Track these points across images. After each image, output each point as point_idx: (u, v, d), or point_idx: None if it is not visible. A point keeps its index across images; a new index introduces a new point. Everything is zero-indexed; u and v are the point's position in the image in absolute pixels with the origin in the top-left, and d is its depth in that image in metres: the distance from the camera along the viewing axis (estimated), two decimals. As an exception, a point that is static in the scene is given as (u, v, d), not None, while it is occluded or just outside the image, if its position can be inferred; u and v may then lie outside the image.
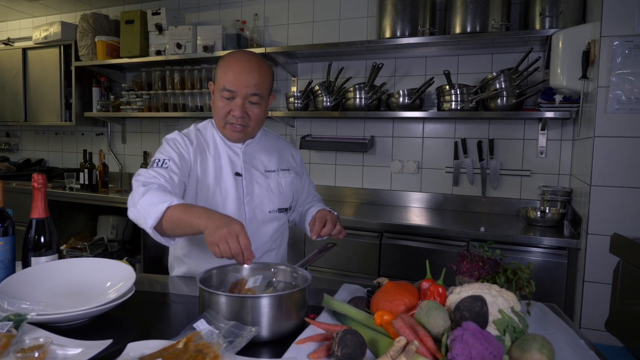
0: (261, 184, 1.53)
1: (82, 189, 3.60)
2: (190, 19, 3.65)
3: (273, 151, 1.61)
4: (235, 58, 1.42)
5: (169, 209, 1.20)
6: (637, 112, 1.89)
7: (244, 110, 1.41)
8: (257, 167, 1.54)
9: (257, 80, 1.39)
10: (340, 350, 0.85)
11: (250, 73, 1.39)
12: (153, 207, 1.21)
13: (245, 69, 1.39)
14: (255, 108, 1.43)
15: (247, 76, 1.38)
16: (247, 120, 1.44)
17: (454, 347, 0.78)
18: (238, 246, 1.06)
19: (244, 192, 1.50)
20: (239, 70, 1.38)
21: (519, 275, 1.06)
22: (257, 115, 1.45)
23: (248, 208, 1.50)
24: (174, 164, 1.38)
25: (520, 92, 2.54)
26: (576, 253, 2.13)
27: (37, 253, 1.23)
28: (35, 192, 1.23)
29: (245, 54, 1.44)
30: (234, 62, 1.40)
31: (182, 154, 1.43)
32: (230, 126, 1.44)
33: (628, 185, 1.92)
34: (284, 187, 1.58)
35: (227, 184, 1.48)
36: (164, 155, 1.40)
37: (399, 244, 2.43)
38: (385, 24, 2.77)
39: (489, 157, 2.83)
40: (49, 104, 3.93)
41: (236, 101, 1.40)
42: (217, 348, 0.83)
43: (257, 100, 1.42)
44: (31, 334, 0.93)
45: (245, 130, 1.46)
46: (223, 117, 1.44)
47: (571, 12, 2.41)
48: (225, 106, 1.42)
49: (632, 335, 1.24)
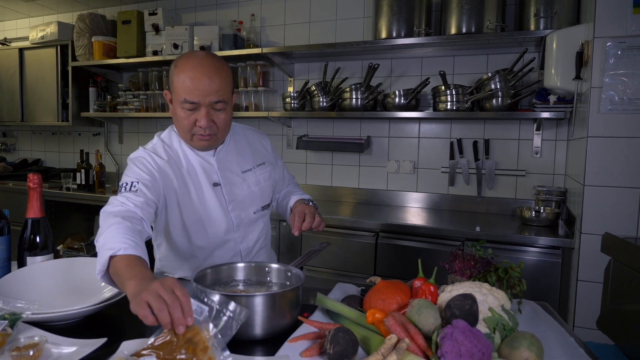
0: (241, 187, 1.48)
1: (79, 189, 3.60)
2: (187, 19, 3.65)
3: (245, 148, 1.54)
4: (191, 64, 1.28)
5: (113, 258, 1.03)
6: (629, 112, 1.90)
7: (210, 119, 1.31)
8: (234, 171, 1.48)
9: (218, 85, 1.28)
10: (332, 348, 0.87)
11: (210, 79, 1.27)
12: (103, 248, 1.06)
13: (204, 76, 1.27)
14: (221, 114, 1.33)
15: (208, 83, 1.27)
16: (215, 128, 1.34)
17: (444, 344, 0.79)
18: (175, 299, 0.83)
19: (226, 200, 1.45)
20: (197, 78, 1.26)
21: (510, 274, 1.07)
22: (224, 120, 1.35)
23: (234, 215, 1.47)
24: (143, 185, 1.28)
25: (515, 93, 2.55)
26: (570, 252, 2.15)
27: (33, 253, 1.24)
28: (30, 192, 1.24)
29: (199, 58, 1.30)
30: (191, 69, 1.27)
31: (152, 172, 1.33)
32: (199, 137, 1.35)
33: (621, 185, 1.93)
34: (263, 184, 1.54)
35: (207, 196, 1.42)
36: (131, 177, 1.30)
37: (395, 243, 2.44)
38: (381, 24, 2.78)
39: (484, 157, 2.84)
40: (45, 104, 3.93)
41: (200, 111, 1.30)
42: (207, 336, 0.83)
43: (222, 106, 1.32)
44: (26, 333, 0.94)
45: (214, 138, 1.37)
46: (189, 130, 1.33)
47: (565, 13, 2.43)
48: (189, 117, 1.31)
49: (623, 334, 1.25)
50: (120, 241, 1.05)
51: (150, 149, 1.41)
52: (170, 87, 1.35)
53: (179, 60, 1.32)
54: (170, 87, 1.35)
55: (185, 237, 1.46)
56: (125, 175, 1.33)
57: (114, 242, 1.05)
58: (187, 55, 1.32)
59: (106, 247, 1.05)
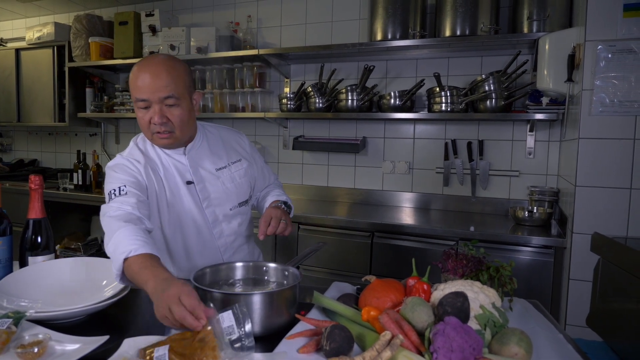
0: (215, 184, 1.51)
1: (76, 189, 3.61)
2: (183, 20, 3.67)
3: (219, 147, 1.57)
4: (139, 65, 1.35)
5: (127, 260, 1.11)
6: (620, 114, 1.94)
7: (163, 115, 1.34)
8: (207, 168, 1.51)
9: (166, 81, 1.32)
10: (328, 344, 0.89)
11: (157, 76, 1.32)
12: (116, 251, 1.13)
13: (153, 73, 1.32)
14: (174, 110, 1.36)
15: (155, 80, 1.31)
16: (171, 125, 1.37)
17: (436, 340, 0.82)
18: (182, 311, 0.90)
19: (200, 198, 1.48)
20: (145, 76, 1.32)
21: (501, 272, 1.10)
22: (179, 116, 1.37)
23: (209, 212, 1.49)
24: (131, 187, 1.33)
25: (509, 94, 2.59)
26: (562, 252, 2.18)
27: (34, 253, 1.26)
28: (32, 193, 1.26)
29: (149, 59, 1.37)
30: (139, 70, 1.34)
31: (135, 176, 1.38)
32: (157, 135, 1.38)
33: (612, 186, 1.97)
34: (238, 181, 1.56)
35: (182, 195, 1.46)
36: (116, 183, 1.34)
37: (390, 243, 2.47)
38: (377, 26, 2.82)
39: (478, 157, 2.88)
40: (42, 105, 3.93)
41: (153, 108, 1.34)
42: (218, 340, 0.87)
43: (174, 102, 1.34)
44: (30, 331, 0.96)
45: (173, 135, 1.39)
46: (147, 128, 1.38)
47: (558, 16, 2.46)
48: (145, 116, 1.35)
49: (611, 331, 1.29)
50: (129, 243, 1.12)
51: (127, 155, 1.45)
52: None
53: (136, 64, 1.38)
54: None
55: (164, 236, 1.50)
56: (109, 183, 1.36)
57: (124, 246, 1.12)
58: (142, 59, 1.39)
59: (118, 251, 1.11)
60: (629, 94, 1.93)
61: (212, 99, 3.38)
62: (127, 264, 1.10)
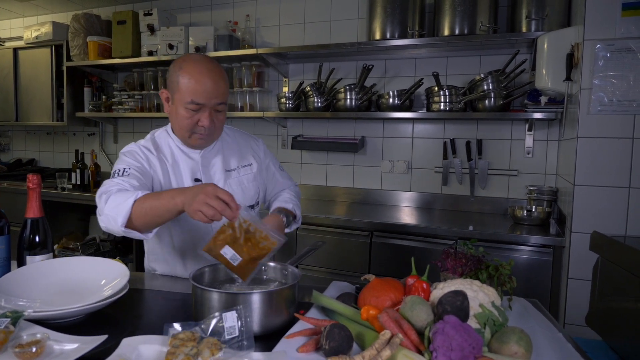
0: (221, 186, 1.50)
1: (74, 189, 3.60)
2: (182, 19, 3.66)
3: (232, 150, 1.59)
4: (199, 68, 1.35)
5: (136, 202, 1.20)
6: (618, 113, 1.94)
7: (212, 120, 1.39)
8: (217, 169, 1.53)
9: (223, 89, 1.38)
10: (328, 343, 0.89)
11: (217, 83, 1.36)
12: (119, 207, 1.20)
13: (213, 79, 1.35)
14: (220, 115, 1.42)
15: (215, 87, 1.35)
16: (213, 128, 1.42)
17: (436, 339, 0.82)
18: (221, 203, 1.07)
19: None
20: (206, 81, 1.34)
21: (500, 271, 1.10)
22: (222, 121, 1.45)
23: None
24: (136, 171, 1.37)
25: (508, 94, 2.59)
26: (561, 251, 2.18)
27: (32, 252, 1.25)
28: (30, 192, 1.25)
29: (207, 62, 1.38)
30: (199, 73, 1.34)
31: (142, 163, 1.42)
32: (198, 136, 1.42)
33: (610, 185, 1.97)
34: (246, 185, 1.57)
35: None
36: (123, 165, 1.39)
37: (389, 242, 2.47)
38: (375, 25, 2.81)
39: (477, 157, 2.88)
40: (40, 104, 3.92)
41: (204, 112, 1.37)
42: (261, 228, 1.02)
43: (223, 107, 1.41)
44: (28, 330, 0.96)
45: (211, 137, 1.46)
46: (189, 129, 1.40)
47: (556, 16, 2.46)
48: (192, 117, 1.37)
49: (610, 330, 1.29)
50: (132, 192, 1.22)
51: (142, 144, 1.49)
52: (172, 87, 1.40)
53: (185, 63, 1.37)
54: (172, 87, 1.40)
55: (167, 231, 1.50)
56: (116, 165, 1.41)
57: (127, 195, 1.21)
58: (192, 58, 1.38)
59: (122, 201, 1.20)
60: (627, 93, 1.93)
61: (210, 99, 3.37)
62: (137, 204, 1.18)
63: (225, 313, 0.91)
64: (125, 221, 1.20)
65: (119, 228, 1.21)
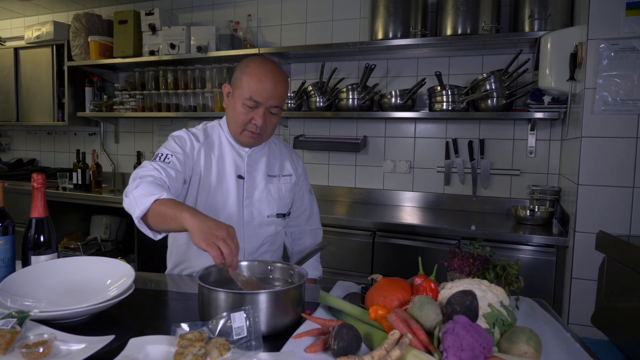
0: (262, 188, 1.56)
1: (75, 188, 3.59)
2: (183, 19, 3.66)
3: (276, 157, 1.64)
4: (262, 69, 1.42)
5: (156, 201, 1.20)
6: (622, 113, 1.94)
7: (265, 120, 1.44)
8: (260, 171, 1.57)
9: (281, 92, 1.44)
10: (336, 343, 0.89)
11: (277, 86, 1.42)
12: (142, 199, 1.22)
13: (274, 81, 1.41)
14: (274, 118, 1.47)
15: (274, 88, 1.41)
16: (265, 128, 1.46)
17: (446, 339, 0.82)
18: (228, 249, 1.05)
19: (244, 195, 1.52)
20: (267, 81, 1.40)
21: (508, 271, 1.10)
22: (274, 124, 1.50)
23: (247, 211, 1.53)
24: (177, 159, 1.41)
25: (510, 93, 2.59)
26: (564, 251, 2.18)
27: (37, 252, 1.25)
28: (34, 191, 1.25)
29: (272, 65, 1.45)
30: (262, 74, 1.41)
31: (186, 151, 1.46)
32: (249, 133, 1.46)
33: (614, 184, 1.97)
34: (283, 193, 1.61)
35: (229, 185, 1.51)
36: (167, 150, 1.43)
37: (392, 242, 2.47)
38: (378, 25, 2.81)
39: (479, 156, 2.88)
40: (41, 104, 3.92)
41: (259, 111, 1.42)
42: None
43: (277, 111, 1.46)
44: (34, 330, 0.95)
45: (262, 137, 1.49)
46: (243, 124, 1.45)
47: (559, 15, 2.46)
48: (247, 114, 1.43)
49: (617, 330, 1.29)
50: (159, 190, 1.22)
51: (192, 132, 1.53)
52: (235, 82, 1.46)
53: (252, 62, 1.44)
54: (235, 82, 1.46)
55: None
56: (163, 146, 1.46)
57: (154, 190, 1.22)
58: (259, 60, 1.46)
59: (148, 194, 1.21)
60: (631, 92, 1.93)
61: (212, 98, 3.37)
62: (155, 205, 1.18)
63: (233, 313, 0.91)
64: (141, 214, 1.21)
65: (135, 218, 1.23)
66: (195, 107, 3.42)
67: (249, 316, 0.91)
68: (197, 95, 3.41)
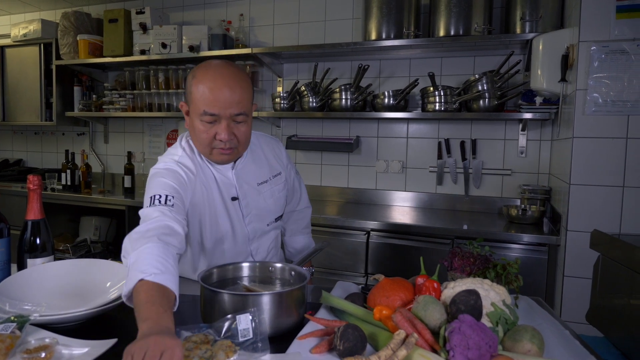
0: (257, 200, 1.46)
1: (64, 189, 3.55)
2: (174, 18, 3.63)
3: (261, 160, 1.51)
4: (211, 75, 1.23)
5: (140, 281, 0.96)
6: (613, 114, 1.97)
7: (231, 132, 1.26)
8: (250, 183, 1.45)
9: (239, 97, 1.24)
10: (342, 344, 0.89)
11: (231, 90, 1.23)
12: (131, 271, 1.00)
13: (225, 87, 1.22)
14: (242, 127, 1.29)
15: (229, 95, 1.22)
16: (235, 141, 1.29)
17: (452, 338, 0.82)
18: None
19: (243, 214, 1.43)
20: (217, 89, 1.22)
21: (508, 270, 1.11)
22: (245, 133, 1.31)
23: (250, 228, 1.46)
24: (178, 198, 1.23)
25: (502, 94, 2.62)
26: (556, 249, 2.21)
27: (33, 255, 1.23)
28: (30, 193, 1.23)
29: (219, 67, 1.26)
30: (211, 80, 1.22)
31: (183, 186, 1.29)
32: (219, 151, 1.29)
33: (605, 184, 2.00)
34: (277, 195, 1.53)
35: (228, 210, 1.41)
36: (166, 190, 1.22)
37: (386, 242, 2.47)
38: (371, 26, 2.82)
39: (471, 156, 2.91)
40: (28, 103, 3.85)
41: (221, 124, 1.25)
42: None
43: (243, 118, 1.28)
44: (35, 335, 0.94)
45: (235, 151, 1.32)
46: (208, 144, 1.28)
47: (550, 17, 2.50)
48: (208, 131, 1.26)
49: (612, 326, 1.31)
50: (152, 265, 0.98)
51: (180, 161, 1.34)
52: (188, 98, 1.30)
53: (197, 70, 1.27)
54: (188, 98, 1.30)
55: (201, 251, 1.45)
56: (156, 186, 1.24)
57: (145, 265, 0.98)
58: (205, 65, 1.27)
59: (137, 269, 0.98)
60: (621, 93, 1.96)
61: (203, 98, 3.34)
62: (137, 286, 0.95)
63: (239, 315, 0.91)
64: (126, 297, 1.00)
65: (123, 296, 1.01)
66: (187, 107, 3.39)
67: (254, 318, 0.91)
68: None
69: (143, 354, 0.75)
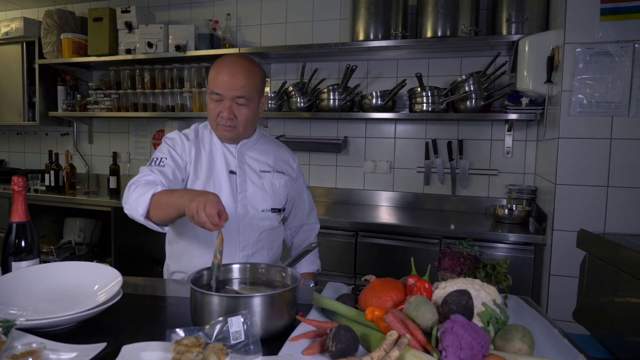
0: (255, 182, 1.58)
1: (48, 190, 3.48)
2: (160, 17, 3.59)
3: (269, 153, 1.66)
4: (223, 62, 1.49)
5: (154, 195, 1.30)
6: (597, 115, 2.01)
7: (232, 111, 1.48)
8: (252, 167, 1.60)
9: (242, 82, 1.45)
10: (334, 345, 0.89)
11: (235, 76, 1.45)
12: (140, 198, 1.32)
13: (232, 72, 1.45)
14: (242, 109, 1.49)
15: (233, 79, 1.45)
16: (236, 121, 1.50)
17: (445, 338, 0.83)
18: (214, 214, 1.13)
19: (237, 189, 1.55)
20: (225, 73, 1.45)
21: (497, 270, 1.12)
22: (245, 115, 1.50)
23: (241, 205, 1.55)
24: (172, 160, 1.48)
25: (488, 95, 2.64)
26: (542, 248, 2.24)
27: (18, 258, 1.20)
28: (15, 195, 1.20)
29: (233, 58, 1.50)
30: (222, 66, 1.48)
31: (178, 151, 1.52)
32: (221, 127, 1.51)
33: (590, 184, 2.04)
34: (277, 188, 1.62)
35: (221, 180, 1.54)
36: (161, 154, 1.50)
37: (374, 242, 2.48)
38: (359, 26, 2.82)
39: (458, 157, 2.93)
40: (10, 103, 3.78)
41: (224, 103, 1.47)
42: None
43: (244, 102, 1.48)
44: (21, 340, 0.92)
45: (235, 130, 1.52)
46: (214, 119, 1.51)
47: (535, 19, 2.53)
48: (215, 108, 1.49)
49: (599, 324, 1.33)
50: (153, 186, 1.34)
51: (184, 132, 1.60)
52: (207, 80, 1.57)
53: (218, 59, 1.52)
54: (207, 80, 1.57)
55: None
56: (157, 151, 1.54)
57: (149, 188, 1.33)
58: (225, 55, 1.54)
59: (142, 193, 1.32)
60: (605, 95, 2.00)
61: (190, 98, 3.32)
62: (155, 198, 1.30)
63: (230, 317, 0.90)
64: (144, 212, 1.31)
65: (140, 217, 1.32)
66: (174, 107, 3.36)
67: (246, 320, 0.90)
68: (175, 95, 3.35)
69: (204, 206, 1.13)
